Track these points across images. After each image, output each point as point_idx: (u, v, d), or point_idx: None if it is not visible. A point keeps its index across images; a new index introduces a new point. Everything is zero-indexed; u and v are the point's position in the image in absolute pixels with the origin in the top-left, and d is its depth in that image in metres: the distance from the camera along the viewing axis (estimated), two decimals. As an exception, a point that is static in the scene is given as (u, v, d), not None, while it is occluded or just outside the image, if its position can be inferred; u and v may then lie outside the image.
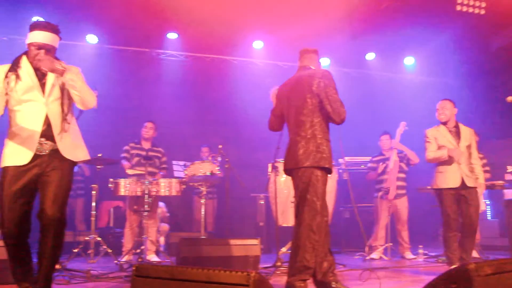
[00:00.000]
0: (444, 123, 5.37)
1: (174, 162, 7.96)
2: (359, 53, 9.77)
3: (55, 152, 3.41)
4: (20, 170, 3.32)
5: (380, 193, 7.09)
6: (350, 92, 8.88)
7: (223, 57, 9.66)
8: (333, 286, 3.89)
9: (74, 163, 3.53)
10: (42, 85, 3.45)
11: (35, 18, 8.01)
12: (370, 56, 10.01)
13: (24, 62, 3.47)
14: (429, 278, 2.65)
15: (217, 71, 9.63)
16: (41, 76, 3.47)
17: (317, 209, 3.79)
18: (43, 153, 3.39)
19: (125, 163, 6.65)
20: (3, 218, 3.26)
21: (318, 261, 3.85)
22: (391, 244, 7.03)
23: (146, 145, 6.84)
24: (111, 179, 6.09)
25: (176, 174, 7.73)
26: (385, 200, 7.04)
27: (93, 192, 6.21)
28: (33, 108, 3.40)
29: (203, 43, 9.10)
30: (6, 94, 3.37)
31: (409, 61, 10.26)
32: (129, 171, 6.45)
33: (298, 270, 3.77)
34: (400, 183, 7.14)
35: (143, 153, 6.73)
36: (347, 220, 8.20)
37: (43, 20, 3.57)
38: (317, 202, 3.79)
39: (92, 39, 8.86)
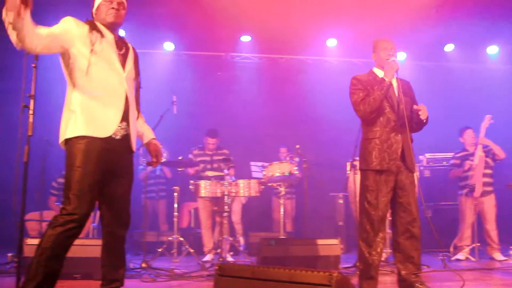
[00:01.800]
0: None
1: (252, 163, 8.05)
2: (437, 45, 9.39)
3: (126, 139, 3.09)
4: (104, 147, 2.95)
5: (465, 191, 6.78)
6: (429, 86, 8.58)
7: (297, 57, 9.63)
8: (418, 287, 3.82)
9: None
10: (121, 57, 3.14)
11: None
12: (449, 47, 9.59)
13: (100, 25, 3.11)
14: (523, 280, 2.50)
15: (291, 71, 9.63)
16: (121, 45, 3.19)
17: (364, 207, 3.88)
18: (117, 137, 3.04)
19: (189, 169, 6.85)
20: (79, 196, 2.82)
21: (402, 261, 3.88)
22: (479, 244, 6.68)
23: (210, 151, 6.98)
24: (192, 181, 6.26)
25: (254, 175, 7.80)
26: (471, 198, 6.73)
27: (175, 194, 6.39)
28: (112, 78, 3.06)
29: (276, 44, 9.12)
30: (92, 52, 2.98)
31: (492, 50, 9.70)
32: (209, 173, 6.62)
33: (362, 270, 3.88)
34: (487, 179, 6.78)
35: (208, 158, 6.89)
36: (430, 219, 7.90)
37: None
38: (364, 201, 3.88)
39: (168, 46, 9.13)
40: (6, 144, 6.05)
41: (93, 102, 2.96)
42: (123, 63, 3.13)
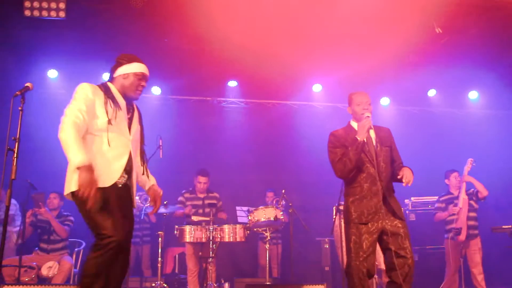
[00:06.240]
0: None
1: (237, 208, 7.99)
2: (420, 90, 9.57)
3: (127, 189, 3.32)
4: (115, 193, 3.17)
5: (450, 234, 6.78)
6: (413, 131, 8.70)
7: (283, 102, 9.73)
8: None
9: None
10: (128, 120, 3.39)
11: (104, 75, 8.44)
12: (432, 92, 9.76)
13: (115, 91, 3.37)
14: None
15: (278, 116, 9.71)
16: (128, 108, 3.43)
17: (349, 258, 3.94)
18: (119, 186, 3.26)
19: (180, 211, 6.75)
20: (113, 224, 3.02)
21: None
22: (466, 288, 6.66)
23: (201, 193, 6.92)
24: (177, 226, 6.19)
25: (240, 220, 7.74)
26: (456, 242, 6.73)
27: (159, 239, 6.32)
28: (120, 142, 3.26)
29: (263, 89, 9.22)
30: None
31: (473, 95, 9.87)
32: (194, 218, 6.55)
33: None
34: (472, 222, 6.81)
35: (199, 202, 6.84)
36: (416, 264, 7.84)
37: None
38: (349, 253, 3.94)
39: (156, 90, 9.19)
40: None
41: (98, 159, 3.12)
42: (129, 126, 3.38)
